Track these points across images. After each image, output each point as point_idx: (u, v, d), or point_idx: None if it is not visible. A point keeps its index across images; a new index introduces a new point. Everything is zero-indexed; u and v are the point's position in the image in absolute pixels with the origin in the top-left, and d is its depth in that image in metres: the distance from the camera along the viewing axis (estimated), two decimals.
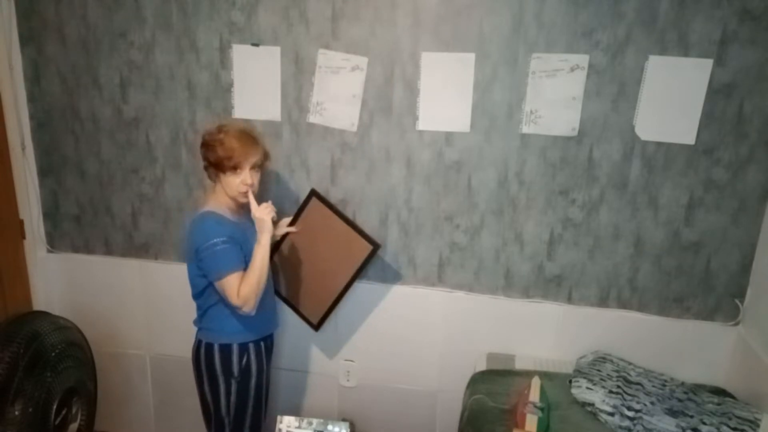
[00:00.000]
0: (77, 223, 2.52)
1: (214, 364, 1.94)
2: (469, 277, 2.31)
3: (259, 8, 2.15)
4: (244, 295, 1.79)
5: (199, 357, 1.97)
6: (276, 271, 2.26)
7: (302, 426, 1.49)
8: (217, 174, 1.87)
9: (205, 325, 1.98)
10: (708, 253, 2.12)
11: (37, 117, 2.41)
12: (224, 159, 1.82)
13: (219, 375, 1.95)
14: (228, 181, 1.86)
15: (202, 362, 1.97)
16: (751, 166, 2.02)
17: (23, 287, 2.48)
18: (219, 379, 1.95)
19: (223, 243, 1.78)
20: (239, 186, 1.86)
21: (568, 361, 2.24)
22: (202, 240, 1.79)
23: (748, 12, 1.89)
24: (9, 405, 2.03)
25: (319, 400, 2.56)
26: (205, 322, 1.97)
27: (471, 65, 2.08)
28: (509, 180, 2.18)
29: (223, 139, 1.83)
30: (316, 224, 2.16)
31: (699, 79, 1.97)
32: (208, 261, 1.80)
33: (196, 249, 1.81)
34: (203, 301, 1.95)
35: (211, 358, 1.94)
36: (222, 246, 1.78)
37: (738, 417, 1.84)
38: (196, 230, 1.83)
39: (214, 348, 1.94)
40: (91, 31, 2.27)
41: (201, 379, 2.00)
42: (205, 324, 1.97)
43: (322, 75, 2.18)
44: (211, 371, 1.95)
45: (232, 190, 1.87)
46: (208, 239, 1.78)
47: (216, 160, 1.83)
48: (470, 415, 2.00)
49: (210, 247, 1.78)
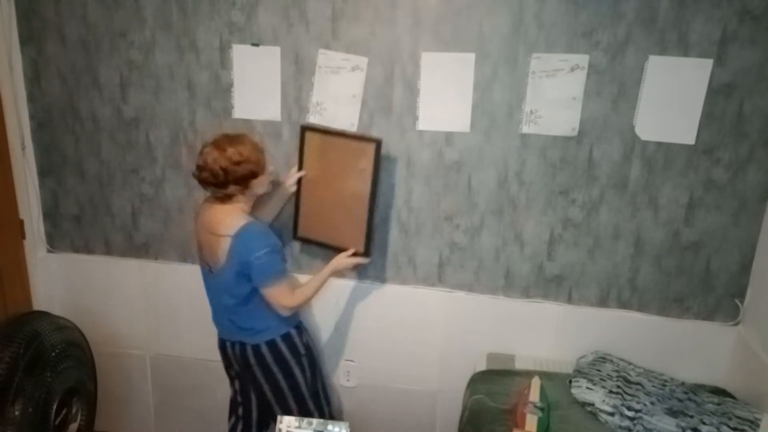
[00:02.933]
0: (77, 223, 2.52)
1: (283, 355, 2.04)
2: (469, 277, 2.31)
3: (259, 8, 2.15)
4: (296, 303, 1.96)
5: (264, 358, 2.02)
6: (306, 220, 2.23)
7: (302, 426, 1.49)
8: (247, 183, 1.91)
9: (258, 328, 2.01)
10: (708, 253, 2.13)
11: (37, 117, 2.41)
12: (258, 164, 1.92)
13: (290, 361, 2.05)
14: (260, 181, 1.95)
15: (269, 361, 2.03)
16: (751, 166, 2.02)
17: (23, 287, 2.48)
18: (290, 364, 2.05)
19: (271, 252, 1.89)
20: (268, 178, 2.00)
21: (568, 361, 2.24)
22: (251, 251, 1.87)
23: (748, 12, 1.89)
24: (9, 405, 2.03)
25: None
26: (256, 324, 2.01)
27: (471, 65, 2.08)
28: (509, 180, 2.18)
29: (243, 150, 1.88)
30: (320, 156, 2.14)
31: (699, 79, 1.97)
32: (260, 270, 1.89)
33: (245, 261, 1.87)
34: (250, 307, 1.98)
35: (278, 353, 2.03)
36: (271, 256, 1.89)
37: (738, 417, 1.84)
38: (243, 243, 1.88)
39: (277, 342, 2.03)
40: (91, 31, 2.27)
41: (272, 376, 2.05)
42: (257, 326, 2.01)
43: (322, 75, 2.18)
44: (282, 364, 2.04)
45: (264, 187, 1.99)
46: (257, 250, 1.87)
47: (251, 171, 1.90)
48: (470, 415, 2.00)
49: (261, 257, 1.87)
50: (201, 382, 2.63)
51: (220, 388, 2.62)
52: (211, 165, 1.86)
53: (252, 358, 2.03)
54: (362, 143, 2.06)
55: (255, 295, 1.95)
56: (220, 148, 1.87)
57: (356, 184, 2.08)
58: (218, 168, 1.86)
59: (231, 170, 1.87)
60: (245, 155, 1.88)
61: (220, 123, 2.29)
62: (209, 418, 2.67)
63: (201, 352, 2.58)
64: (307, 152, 2.16)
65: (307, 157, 2.17)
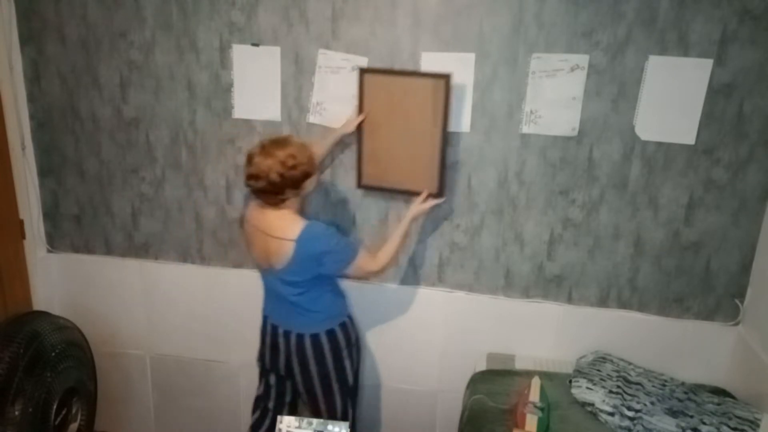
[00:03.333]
0: (77, 223, 2.52)
1: (339, 344, 2.06)
2: (469, 277, 2.31)
3: (259, 8, 2.15)
4: (382, 263, 2.01)
5: (321, 347, 2.04)
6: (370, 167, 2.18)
7: (302, 426, 1.48)
8: (301, 184, 1.91)
9: (318, 318, 2.04)
10: (708, 253, 2.13)
11: (37, 117, 2.41)
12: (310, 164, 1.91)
13: (343, 351, 2.08)
14: (312, 180, 1.95)
15: (326, 350, 2.04)
16: (751, 166, 2.02)
17: (23, 287, 2.48)
18: (343, 353, 2.08)
19: (338, 239, 1.95)
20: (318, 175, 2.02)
21: (568, 361, 2.24)
22: (320, 247, 1.90)
23: (748, 12, 1.89)
24: (9, 405, 2.03)
25: None
26: (316, 315, 2.03)
27: (471, 65, 2.08)
28: (509, 180, 2.18)
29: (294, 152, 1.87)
30: (382, 98, 2.07)
31: (699, 79, 1.97)
32: (336, 258, 1.94)
33: (321, 252, 1.90)
34: (309, 297, 2.00)
35: (335, 341, 2.06)
36: (339, 242, 1.95)
37: (738, 417, 1.84)
38: (309, 243, 1.89)
39: (336, 331, 2.06)
40: (91, 31, 2.27)
41: (324, 367, 2.06)
42: (318, 317, 2.04)
43: (322, 75, 2.18)
44: (336, 353, 2.06)
45: (314, 184, 1.98)
46: (330, 240, 1.92)
47: (305, 172, 1.89)
48: (470, 415, 2.00)
49: (335, 245, 1.93)
50: (201, 382, 2.63)
51: (220, 388, 2.63)
52: (266, 173, 1.82)
53: (309, 348, 2.03)
54: (430, 80, 2.00)
55: (317, 285, 1.99)
56: (271, 154, 1.83)
57: (425, 123, 2.03)
58: (275, 175, 1.83)
59: (288, 175, 1.84)
60: (298, 158, 1.86)
61: (220, 123, 2.29)
62: (209, 418, 2.67)
63: (201, 352, 2.58)
64: (367, 96, 2.08)
65: (367, 102, 2.09)
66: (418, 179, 2.10)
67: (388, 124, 2.09)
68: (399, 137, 2.09)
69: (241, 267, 2.46)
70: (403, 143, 2.09)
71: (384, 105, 2.07)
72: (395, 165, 2.13)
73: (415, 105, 2.03)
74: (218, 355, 2.58)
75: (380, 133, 2.11)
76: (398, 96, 2.05)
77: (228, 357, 2.57)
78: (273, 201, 1.90)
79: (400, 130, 2.08)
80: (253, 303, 2.45)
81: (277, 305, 2.07)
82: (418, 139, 2.06)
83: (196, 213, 2.42)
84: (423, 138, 2.05)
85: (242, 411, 2.62)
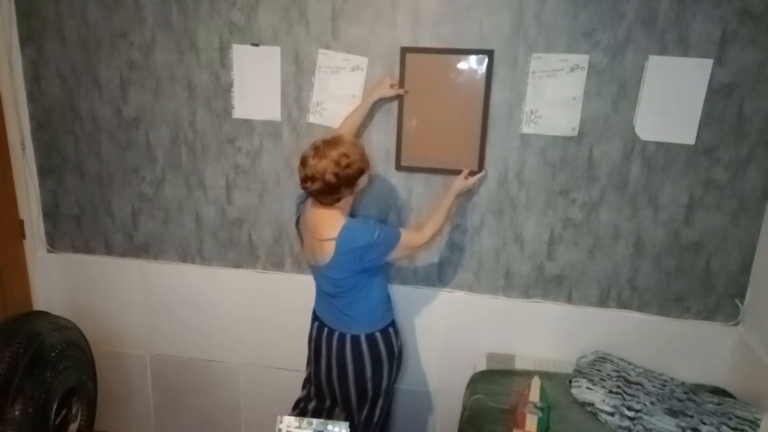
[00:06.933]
0: (77, 223, 2.52)
1: (379, 351, 2.05)
2: (469, 277, 2.31)
3: (259, 8, 2.15)
4: (428, 237, 2.02)
5: (360, 349, 2.03)
6: (410, 147, 2.19)
7: (302, 426, 1.49)
8: (357, 181, 1.92)
9: (360, 318, 2.04)
10: (708, 253, 2.13)
11: (37, 117, 2.41)
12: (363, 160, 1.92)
13: (384, 359, 2.06)
14: (366, 176, 1.96)
15: (365, 353, 2.03)
16: (751, 166, 2.02)
17: (23, 287, 2.49)
18: (384, 362, 2.07)
19: (379, 228, 1.93)
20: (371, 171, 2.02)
21: (568, 361, 2.24)
22: (364, 238, 1.90)
23: (748, 12, 1.89)
24: (9, 405, 2.03)
25: None
26: (358, 315, 2.03)
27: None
28: (509, 180, 2.18)
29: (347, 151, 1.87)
30: (425, 78, 2.09)
31: (699, 79, 1.97)
32: (382, 246, 1.93)
33: (361, 246, 1.89)
34: (351, 297, 2.01)
35: (375, 347, 2.05)
36: (382, 230, 1.93)
37: (738, 417, 1.84)
38: (350, 237, 1.89)
39: (377, 336, 2.05)
40: (91, 31, 2.27)
41: (362, 372, 2.05)
42: (359, 317, 2.04)
43: (322, 75, 2.18)
44: (376, 358, 2.05)
45: (366, 180, 1.98)
46: (371, 233, 1.90)
47: (360, 169, 1.91)
48: (470, 415, 2.00)
49: (377, 237, 1.90)
50: (201, 382, 2.63)
51: (220, 388, 2.63)
52: (322, 174, 1.83)
53: (349, 349, 2.04)
54: (473, 56, 2.05)
55: (361, 285, 1.99)
56: (325, 155, 1.84)
57: (467, 100, 2.05)
58: (330, 176, 1.84)
59: (342, 174, 1.85)
60: (351, 156, 1.86)
61: (220, 123, 2.29)
62: (209, 418, 2.67)
63: (201, 352, 2.58)
64: (409, 76, 2.10)
65: (409, 82, 2.10)
66: (459, 158, 2.13)
67: (430, 104, 2.11)
68: (441, 116, 2.11)
69: (241, 267, 2.46)
70: (446, 122, 2.11)
71: (425, 84, 2.10)
72: (436, 144, 2.15)
73: (458, 82, 2.06)
74: (218, 355, 2.58)
75: (421, 112, 2.13)
76: (441, 75, 2.08)
77: (228, 357, 2.57)
78: (329, 201, 1.91)
79: (441, 108, 2.10)
80: (253, 303, 2.46)
81: (323, 303, 2.10)
82: (460, 117, 2.09)
83: (196, 213, 2.43)
84: (465, 115, 2.07)
85: (242, 411, 2.63)
